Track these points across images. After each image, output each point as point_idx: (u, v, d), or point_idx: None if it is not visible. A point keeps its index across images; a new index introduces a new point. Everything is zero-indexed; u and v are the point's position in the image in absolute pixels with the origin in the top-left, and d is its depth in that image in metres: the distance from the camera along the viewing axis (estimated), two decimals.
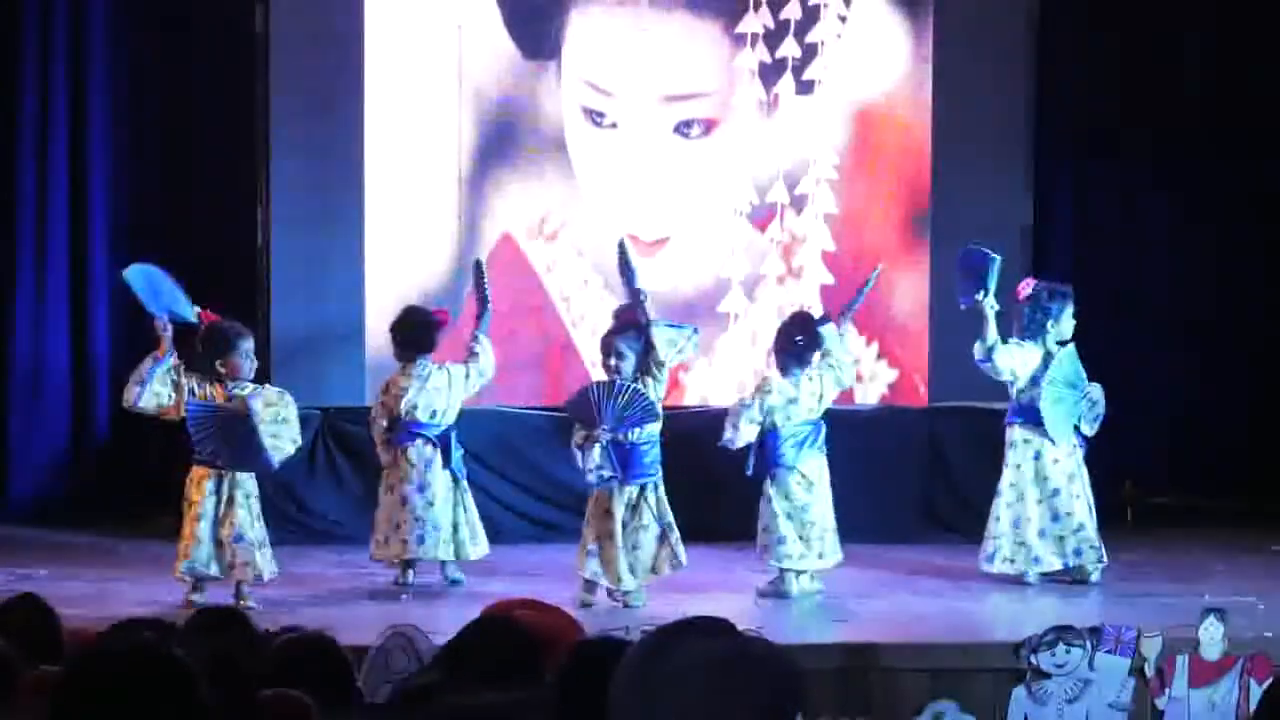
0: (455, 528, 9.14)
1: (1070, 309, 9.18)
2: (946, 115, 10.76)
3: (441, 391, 9.13)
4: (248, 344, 8.68)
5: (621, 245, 9.02)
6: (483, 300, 9.28)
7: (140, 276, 8.81)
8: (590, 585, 8.65)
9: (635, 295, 8.89)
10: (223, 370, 8.62)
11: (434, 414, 9.10)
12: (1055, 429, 9.09)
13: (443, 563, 9.17)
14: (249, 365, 8.66)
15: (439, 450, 9.10)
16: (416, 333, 9.16)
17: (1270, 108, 11.22)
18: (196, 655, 3.25)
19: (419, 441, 9.08)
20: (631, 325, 8.80)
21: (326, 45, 10.54)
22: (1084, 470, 9.20)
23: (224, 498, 8.59)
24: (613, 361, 8.68)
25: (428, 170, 10.61)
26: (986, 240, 9.38)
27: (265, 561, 8.62)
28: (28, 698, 3.75)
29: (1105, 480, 9.56)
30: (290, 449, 8.73)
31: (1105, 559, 9.15)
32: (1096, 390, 9.16)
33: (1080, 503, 9.15)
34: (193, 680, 3.04)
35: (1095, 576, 9.17)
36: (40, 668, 4.10)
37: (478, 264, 9.53)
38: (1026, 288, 9.23)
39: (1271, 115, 11.20)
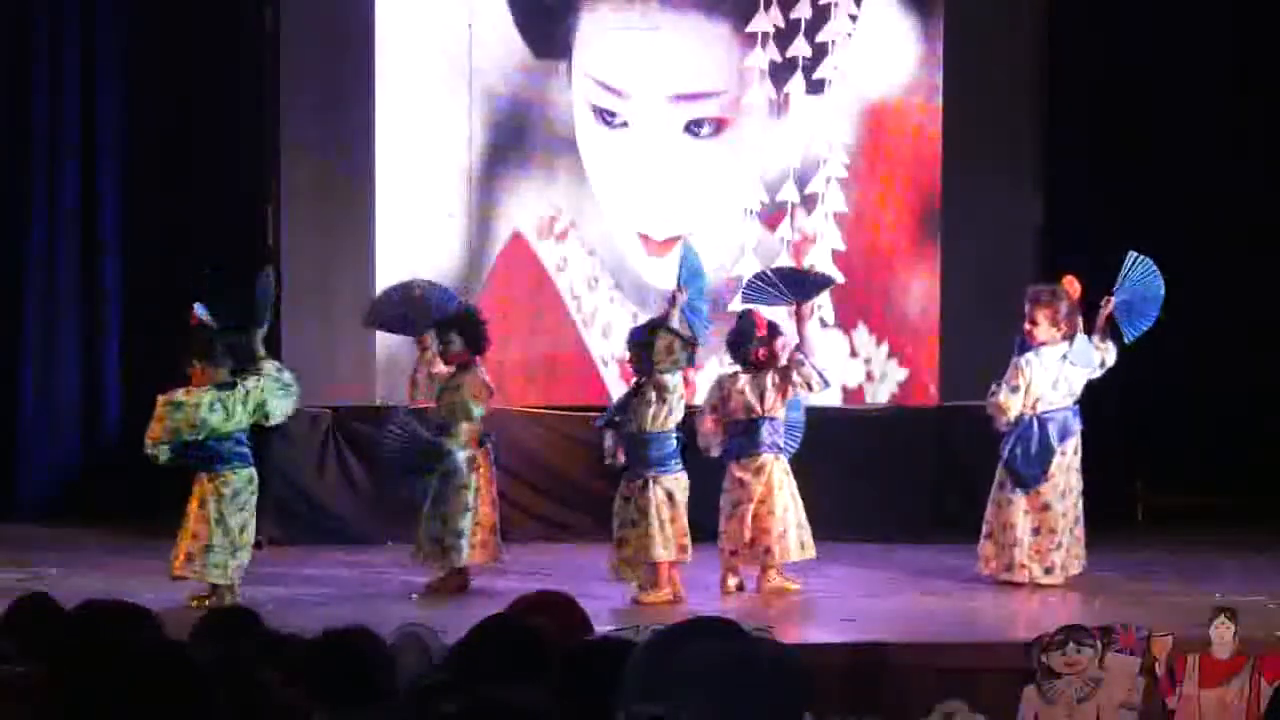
0: None
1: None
2: (957, 115, 10.74)
3: None
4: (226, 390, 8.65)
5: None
6: None
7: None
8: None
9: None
10: (192, 371, 8.55)
11: None
12: None
13: None
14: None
15: None
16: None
17: None
18: (207, 655, 3.25)
19: None
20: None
21: (336, 44, 10.55)
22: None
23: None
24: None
25: (438, 169, 10.61)
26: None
27: None
28: (36, 696, 3.76)
29: (1116, 480, 9.52)
30: None
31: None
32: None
33: None
34: (200, 679, 3.04)
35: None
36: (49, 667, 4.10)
37: None
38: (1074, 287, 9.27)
39: None
